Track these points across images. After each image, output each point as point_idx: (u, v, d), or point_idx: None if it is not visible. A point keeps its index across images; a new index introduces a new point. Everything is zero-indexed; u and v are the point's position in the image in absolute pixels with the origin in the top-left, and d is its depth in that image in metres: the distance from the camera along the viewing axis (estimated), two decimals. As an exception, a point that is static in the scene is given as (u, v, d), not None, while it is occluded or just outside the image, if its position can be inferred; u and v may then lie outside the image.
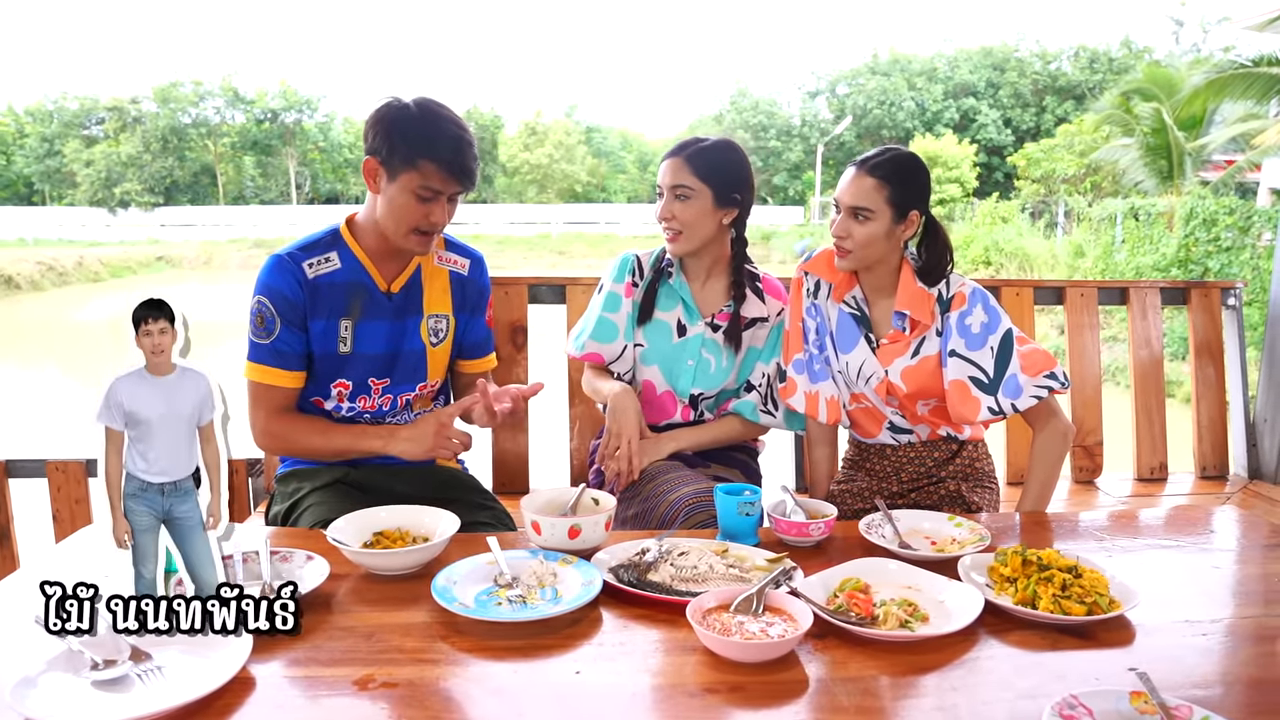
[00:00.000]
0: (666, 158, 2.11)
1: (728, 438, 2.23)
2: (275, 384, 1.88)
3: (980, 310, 1.97)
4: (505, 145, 47.18)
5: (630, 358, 2.20)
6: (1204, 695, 1.13)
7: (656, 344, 2.19)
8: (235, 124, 46.03)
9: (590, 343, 2.21)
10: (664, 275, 2.21)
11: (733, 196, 2.10)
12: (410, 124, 1.77)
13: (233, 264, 30.56)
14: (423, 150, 1.76)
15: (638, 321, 2.20)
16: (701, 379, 2.18)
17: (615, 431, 2.05)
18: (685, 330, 2.19)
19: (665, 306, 2.20)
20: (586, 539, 1.57)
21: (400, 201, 1.80)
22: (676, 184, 2.07)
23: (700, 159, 2.07)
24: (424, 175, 1.77)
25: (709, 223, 2.10)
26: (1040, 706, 1.07)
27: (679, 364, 2.18)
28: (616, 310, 2.20)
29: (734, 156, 2.11)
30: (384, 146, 1.78)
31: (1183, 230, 12.77)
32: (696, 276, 2.21)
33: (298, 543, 1.56)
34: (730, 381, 2.21)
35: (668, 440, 2.14)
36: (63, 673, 1.12)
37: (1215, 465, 2.97)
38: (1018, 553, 1.45)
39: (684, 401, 2.20)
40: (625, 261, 2.24)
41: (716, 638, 1.21)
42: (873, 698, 1.14)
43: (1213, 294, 3.01)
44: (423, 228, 1.82)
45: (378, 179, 1.83)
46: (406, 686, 1.15)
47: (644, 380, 2.21)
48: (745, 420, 2.23)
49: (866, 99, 42.29)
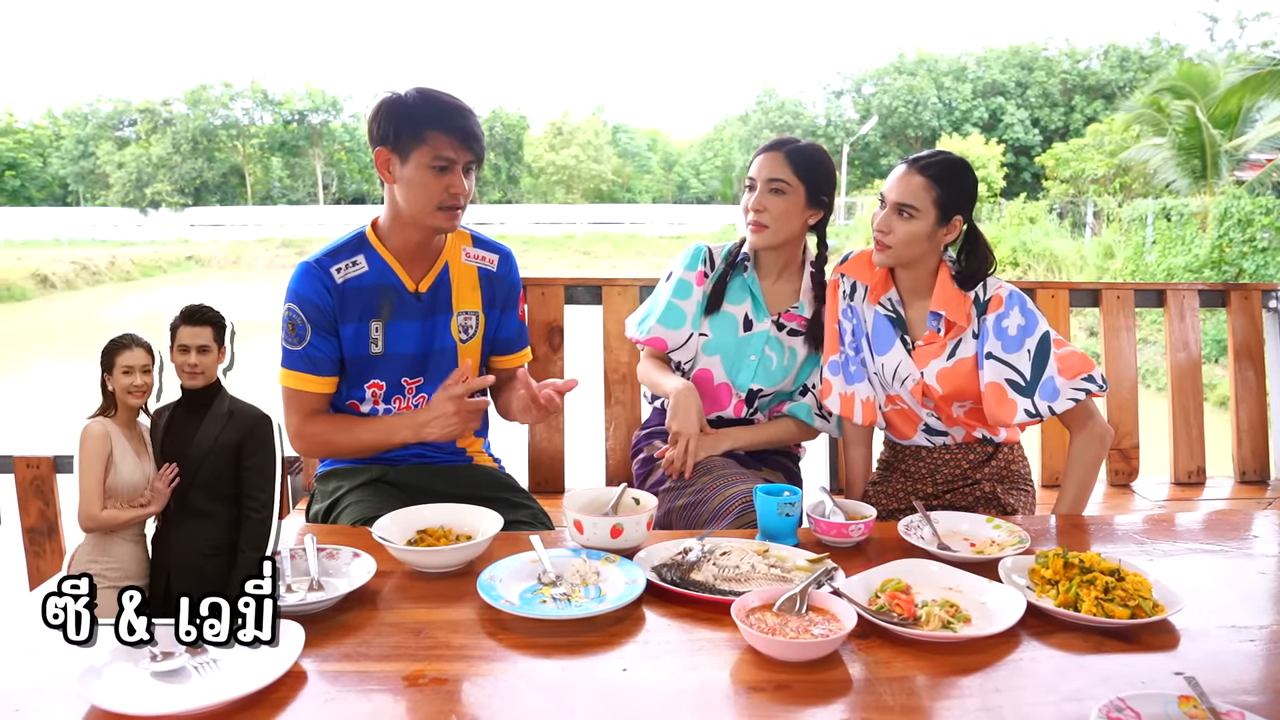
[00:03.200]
0: (763, 151, 2.14)
1: (782, 439, 2.25)
2: (308, 389, 1.92)
3: (1017, 313, 1.97)
4: (531, 145, 47.31)
5: (694, 346, 2.22)
6: (1253, 702, 1.13)
7: (721, 336, 2.21)
8: (263, 125, 46.45)
9: (657, 327, 2.22)
10: (737, 269, 2.24)
11: (821, 198, 2.14)
12: (411, 105, 1.82)
13: (260, 263, 30.86)
14: (428, 123, 1.81)
15: (705, 311, 2.22)
16: (762, 375, 2.20)
17: (676, 429, 2.06)
18: (751, 325, 2.21)
19: (735, 300, 2.22)
20: (628, 538, 1.58)
21: (418, 179, 1.83)
22: (774, 177, 2.10)
23: (799, 156, 2.11)
24: (435, 146, 1.81)
25: (796, 220, 2.13)
26: (1086, 709, 1.07)
27: (741, 358, 2.21)
28: (686, 298, 2.22)
29: (828, 161, 2.16)
30: (390, 131, 1.82)
31: (1216, 231, 12.60)
32: (769, 274, 2.23)
33: (343, 540, 1.59)
34: (788, 383, 2.23)
35: (724, 437, 2.16)
36: (125, 663, 1.15)
37: (1255, 470, 2.94)
38: (1059, 555, 1.45)
39: (740, 396, 2.22)
40: (698, 251, 2.27)
41: (762, 637, 1.22)
42: (916, 697, 1.15)
43: (1253, 296, 2.97)
44: (446, 202, 1.85)
45: (391, 167, 1.86)
46: (456, 682, 1.17)
47: (701, 369, 2.23)
48: (800, 423, 2.25)
49: (892, 98, 42.02)
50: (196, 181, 43.88)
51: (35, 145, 46.33)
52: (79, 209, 44.20)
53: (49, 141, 46.80)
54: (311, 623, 1.28)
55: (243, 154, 45.84)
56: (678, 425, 2.05)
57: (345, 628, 1.31)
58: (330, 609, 1.36)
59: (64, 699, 1.10)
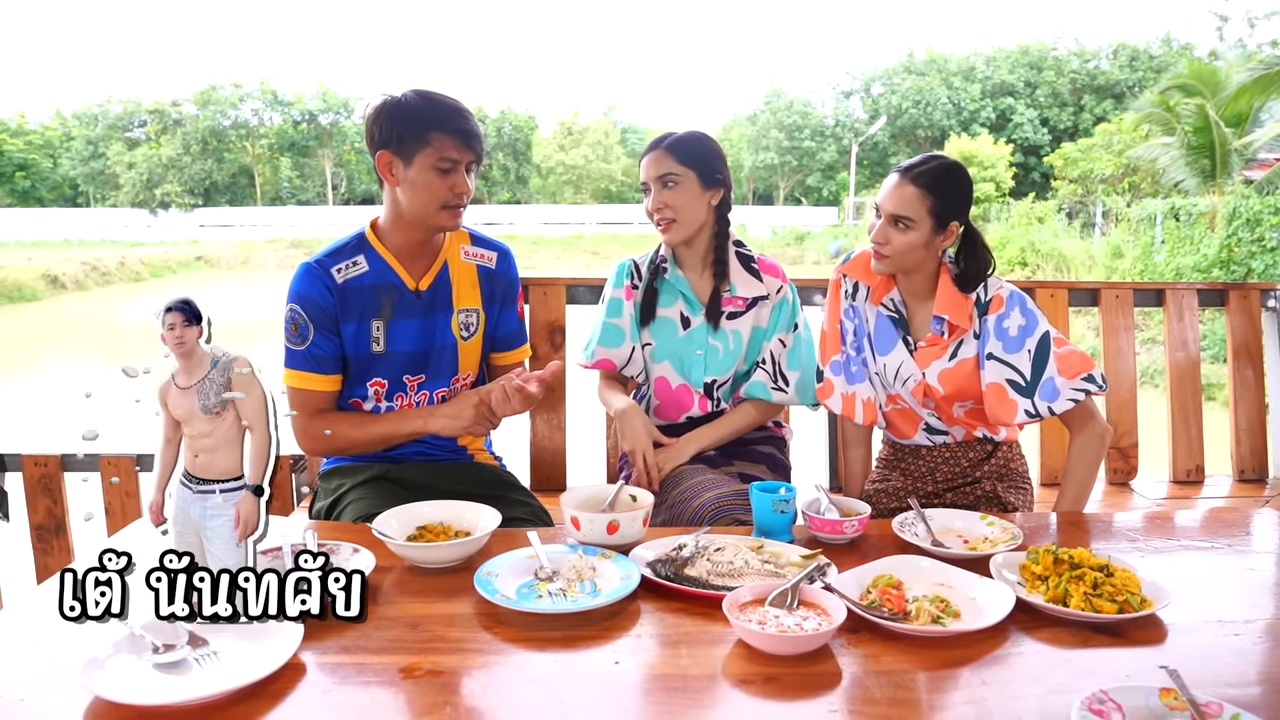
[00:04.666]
0: (646, 154, 2.17)
1: (746, 425, 2.26)
2: (313, 388, 1.95)
3: (1018, 313, 1.98)
4: (540, 146, 47.39)
5: (640, 359, 2.26)
6: (1236, 694, 1.14)
7: (664, 341, 2.24)
8: (273, 126, 46.69)
9: (599, 349, 2.27)
10: (660, 273, 2.26)
11: (716, 177, 2.16)
12: (412, 108, 1.85)
13: (270, 264, 30.97)
14: (432, 125, 1.84)
15: (641, 323, 2.25)
16: (713, 366, 2.22)
17: (628, 448, 2.11)
18: (689, 323, 2.23)
19: (666, 303, 2.25)
20: (624, 534, 1.60)
21: (423, 180, 1.86)
22: (663, 173, 2.12)
23: (680, 147, 2.14)
24: (439, 147, 1.84)
25: (699, 205, 2.15)
26: (1070, 702, 1.08)
27: (689, 357, 2.23)
28: (620, 315, 2.26)
29: (709, 141, 2.18)
30: (393, 134, 1.85)
31: (1225, 230, 12.54)
32: (692, 267, 2.25)
33: (344, 536, 1.61)
34: (740, 363, 2.25)
35: (688, 443, 2.16)
36: (127, 654, 1.18)
37: (1254, 468, 2.94)
38: (1049, 551, 1.47)
39: (699, 392, 2.24)
40: (622, 267, 2.31)
41: (753, 630, 1.24)
42: (904, 690, 1.16)
43: (1252, 296, 2.98)
44: (450, 201, 1.89)
45: (394, 169, 1.89)
46: (451, 674, 1.19)
47: (657, 378, 2.26)
48: (759, 402, 2.25)
49: (901, 98, 41.98)
50: (206, 182, 44.14)
51: (45, 146, 46.68)
52: (89, 209, 44.52)
53: (59, 142, 47.13)
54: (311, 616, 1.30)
55: (252, 154, 46.07)
56: (628, 444, 2.11)
57: (344, 621, 1.33)
58: (330, 603, 1.38)
59: (68, 689, 1.12)
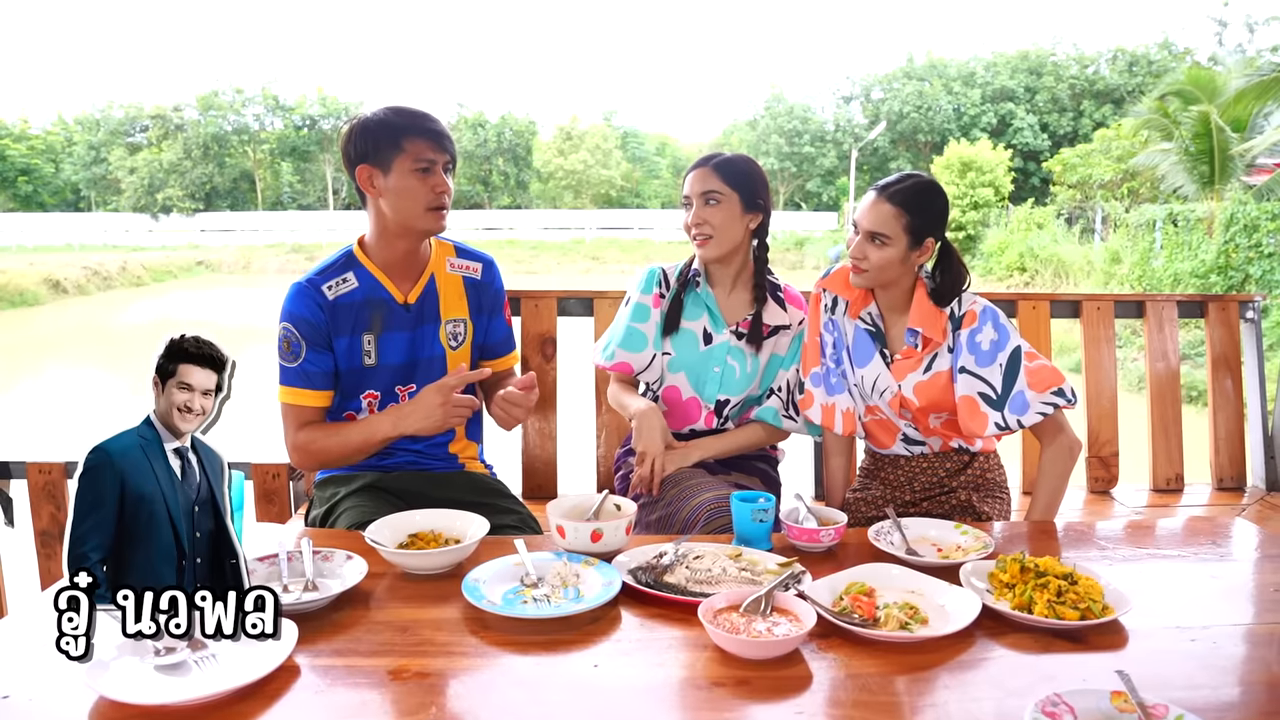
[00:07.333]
0: (693, 169, 2.23)
1: (751, 444, 2.31)
2: (303, 403, 2.01)
3: (990, 328, 2.04)
4: (540, 151, 47.47)
5: (658, 366, 2.30)
6: (1184, 696, 1.19)
7: (683, 353, 2.28)
8: (274, 130, 46.80)
9: (620, 352, 2.30)
10: (690, 285, 2.31)
11: (757, 202, 2.22)
12: (384, 119, 1.95)
13: (271, 268, 31.03)
14: (404, 131, 1.93)
15: (665, 331, 2.30)
16: (727, 385, 2.27)
17: (641, 449, 2.15)
18: (711, 338, 2.28)
19: (691, 316, 2.30)
20: (608, 542, 1.66)
21: (404, 185, 1.94)
22: (707, 190, 2.18)
23: (728, 167, 2.19)
24: (414, 150, 1.93)
25: (737, 227, 2.21)
26: (1027, 704, 1.14)
27: (705, 372, 2.27)
28: (645, 321, 2.30)
29: (756, 167, 2.25)
30: (368, 147, 1.95)
31: (1223, 236, 12.61)
32: (722, 285, 2.30)
33: (338, 543, 1.67)
34: (754, 388, 2.30)
35: (693, 449, 2.22)
36: (130, 656, 1.24)
37: (1233, 477, 3.00)
38: (1017, 560, 1.52)
39: (709, 408, 2.29)
40: (652, 274, 2.34)
41: (725, 635, 1.29)
42: (868, 693, 1.22)
43: (1230, 307, 3.03)
44: (434, 202, 1.97)
45: (374, 181, 1.97)
46: (437, 676, 1.25)
47: (669, 386, 2.30)
48: (768, 426, 2.31)
49: (901, 104, 42.05)
50: (207, 187, 44.25)
51: (48, 151, 46.79)
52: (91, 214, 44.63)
53: (61, 147, 47.26)
54: (306, 620, 1.36)
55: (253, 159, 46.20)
56: (642, 445, 2.15)
57: (337, 625, 1.39)
58: (324, 608, 1.44)
59: (73, 690, 1.18)
